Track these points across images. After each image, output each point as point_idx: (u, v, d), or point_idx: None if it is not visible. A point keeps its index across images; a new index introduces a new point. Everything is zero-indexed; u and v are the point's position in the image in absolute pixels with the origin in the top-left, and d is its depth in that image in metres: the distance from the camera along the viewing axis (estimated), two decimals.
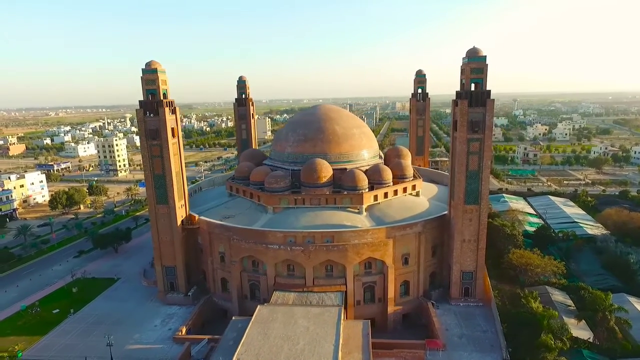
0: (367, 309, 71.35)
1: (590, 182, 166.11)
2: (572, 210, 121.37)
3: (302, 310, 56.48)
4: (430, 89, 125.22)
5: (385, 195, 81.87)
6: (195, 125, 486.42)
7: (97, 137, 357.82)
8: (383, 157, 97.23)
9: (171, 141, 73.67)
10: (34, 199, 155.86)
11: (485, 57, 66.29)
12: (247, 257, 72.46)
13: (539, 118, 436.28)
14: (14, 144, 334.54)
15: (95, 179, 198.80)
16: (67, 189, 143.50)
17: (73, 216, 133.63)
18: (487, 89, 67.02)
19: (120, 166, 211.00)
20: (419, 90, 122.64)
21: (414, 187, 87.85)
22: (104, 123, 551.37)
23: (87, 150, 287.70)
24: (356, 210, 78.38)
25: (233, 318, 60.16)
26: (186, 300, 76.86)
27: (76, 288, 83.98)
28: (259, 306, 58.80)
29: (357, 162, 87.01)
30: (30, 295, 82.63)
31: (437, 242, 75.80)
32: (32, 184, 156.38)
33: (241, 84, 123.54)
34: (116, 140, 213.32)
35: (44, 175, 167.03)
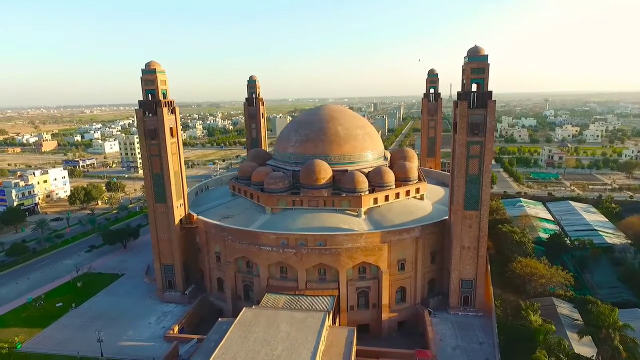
0: (361, 314, 69.80)
1: (617, 187, 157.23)
2: (593, 217, 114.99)
3: (286, 315, 55.60)
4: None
5: (386, 198, 79.94)
6: (220, 124, 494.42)
7: (124, 134, 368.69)
8: (389, 158, 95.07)
9: (169, 141, 74.32)
10: (57, 194, 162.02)
11: (486, 56, 63.29)
12: (241, 257, 72.31)
13: (570, 119, 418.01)
14: (47, 140, 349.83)
15: (118, 175, 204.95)
16: (85, 185, 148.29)
17: (89, 211, 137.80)
18: (489, 89, 64.06)
19: (140, 163, 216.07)
20: (431, 91, 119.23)
21: (417, 190, 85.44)
22: (133, 120, 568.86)
23: (113, 147, 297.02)
24: (355, 213, 76.87)
25: (219, 319, 59.94)
26: (183, 299, 77.51)
27: (81, 282, 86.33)
28: (244, 308, 58.40)
29: (359, 163, 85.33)
30: (38, 288, 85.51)
31: (436, 248, 73.23)
32: (55, 179, 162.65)
33: (251, 84, 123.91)
34: (137, 138, 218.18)
35: (66, 171, 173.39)
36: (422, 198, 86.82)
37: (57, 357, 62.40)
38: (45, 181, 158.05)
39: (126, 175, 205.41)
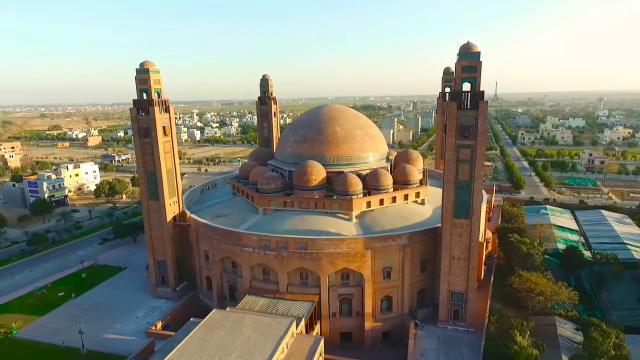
0: (343, 322, 67.59)
1: None
2: (625, 229, 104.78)
3: (253, 319, 54.54)
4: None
5: (381, 202, 76.84)
6: (255, 122, 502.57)
7: None
8: (392, 160, 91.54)
9: (162, 139, 75.45)
10: (88, 187, 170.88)
11: (478, 53, 58.69)
12: (226, 257, 72.19)
13: (625, 120, 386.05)
14: (93, 136, 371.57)
15: None
16: (110, 180, 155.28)
17: (111, 205, 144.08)
18: (481, 89, 59.46)
19: None
20: (447, 90, 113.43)
21: (417, 195, 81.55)
22: (175, 118, 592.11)
23: None
24: (346, 217, 74.49)
25: (191, 319, 60.03)
26: (173, 295, 78.73)
27: (85, 274, 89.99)
28: (214, 310, 58.08)
29: (358, 165, 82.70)
30: (48, 277, 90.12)
31: (427, 257, 69.28)
32: (86, 173, 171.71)
33: (264, 82, 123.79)
34: None
35: (97, 165, 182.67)
36: (423, 203, 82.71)
37: (44, 345, 65.20)
38: (77, 175, 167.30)
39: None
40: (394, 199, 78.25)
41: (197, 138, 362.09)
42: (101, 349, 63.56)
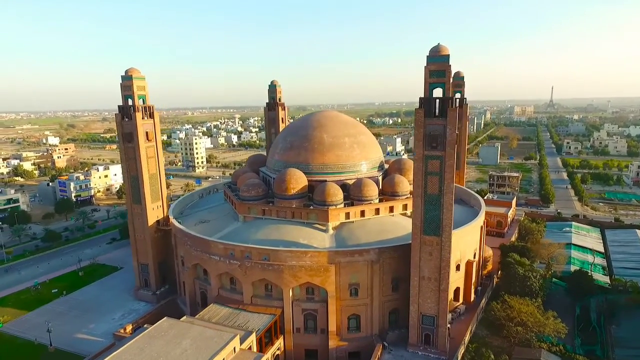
0: (308, 338, 64.57)
1: None
2: None
3: (198, 330, 53.21)
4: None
5: (362, 213, 73.08)
6: None
7: (206, 135, 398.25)
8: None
9: (144, 144, 76.78)
10: (116, 187, 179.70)
11: (447, 56, 53.75)
12: (198, 264, 71.73)
13: None
14: None
15: (178, 172, 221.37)
16: None
17: None
18: (449, 96, 54.44)
19: (198, 163, 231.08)
20: (457, 95, 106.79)
21: (405, 207, 76.75)
22: (219, 122, 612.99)
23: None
24: (323, 228, 71.55)
25: (145, 325, 59.73)
26: (152, 298, 79.55)
27: (82, 272, 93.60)
28: (164, 317, 57.47)
29: (344, 174, 79.49)
30: (49, 274, 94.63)
31: (400, 275, 64.40)
32: (115, 174, 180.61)
33: (272, 89, 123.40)
34: (195, 139, 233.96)
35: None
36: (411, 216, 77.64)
37: (20, 340, 68.01)
38: (106, 176, 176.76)
39: (176, 172, 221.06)
40: (377, 211, 74.16)
41: (234, 142, 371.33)
42: (68, 348, 65.23)
